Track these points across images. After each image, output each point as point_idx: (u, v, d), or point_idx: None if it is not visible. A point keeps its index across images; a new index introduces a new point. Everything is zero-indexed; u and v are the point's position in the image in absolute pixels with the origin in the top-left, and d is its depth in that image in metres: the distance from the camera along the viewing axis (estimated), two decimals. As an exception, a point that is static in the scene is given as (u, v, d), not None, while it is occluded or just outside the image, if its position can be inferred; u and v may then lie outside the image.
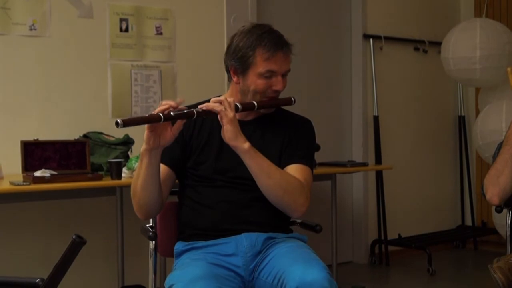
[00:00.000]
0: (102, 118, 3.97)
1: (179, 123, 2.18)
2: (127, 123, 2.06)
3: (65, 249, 1.34)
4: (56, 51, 3.87)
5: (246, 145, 2.21)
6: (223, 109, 2.19)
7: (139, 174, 2.23)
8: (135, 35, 4.13)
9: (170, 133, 2.17)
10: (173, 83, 4.24)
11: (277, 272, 2.13)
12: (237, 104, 2.26)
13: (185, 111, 2.15)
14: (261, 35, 2.34)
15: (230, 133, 2.19)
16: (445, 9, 5.94)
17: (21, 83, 3.77)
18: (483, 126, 4.95)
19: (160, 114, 2.10)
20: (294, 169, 2.34)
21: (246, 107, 2.31)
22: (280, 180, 2.26)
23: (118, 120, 2.03)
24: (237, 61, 2.36)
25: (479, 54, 4.74)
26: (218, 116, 2.20)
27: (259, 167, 2.24)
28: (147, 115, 2.15)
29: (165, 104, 2.14)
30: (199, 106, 2.22)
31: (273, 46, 2.33)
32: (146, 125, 2.15)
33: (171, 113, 2.12)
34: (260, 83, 2.34)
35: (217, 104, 2.20)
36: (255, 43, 2.33)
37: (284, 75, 2.38)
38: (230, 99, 2.23)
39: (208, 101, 2.26)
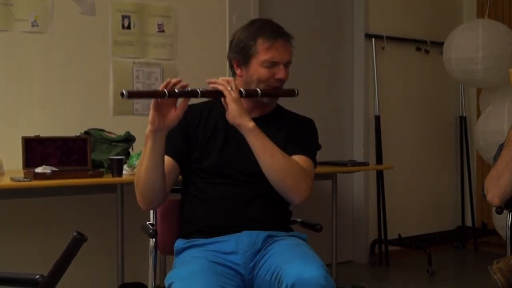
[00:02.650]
0: (103, 115, 3.97)
1: (183, 104, 2.20)
2: (131, 94, 2.08)
3: (66, 246, 1.34)
4: (58, 47, 3.87)
5: (251, 123, 2.23)
6: (228, 88, 2.21)
7: (143, 159, 2.25)
8: (137, 33, 4.13)
9: (174, 113, 2.19)
10: (174, 80, 4.24)
11: (274, 269, 2.14)
12: (241, 89, 2.29)
13: (189, 89, 2.17)
14: (261, 26, 2.42)
15: (235, 111, 2.21)
16: (447, 9, 5.94)
17: (23, 80, 3.77)
18: (484, 126, 4.94)
19: (165, 90, 2.12)
20: (297, 159, 2.36)
21: (250, 93, 2.34)
22: (283, 162, 2.27)
23: (123, 91, 2.04)
24: (239, 52, 2.40)
25: (481, 54, 4.74)
26: (222, 99, 2.22)
27: (263, 147, 2.25)
28: (151, 90, 2.17)
29: (167, 80, 2.17)
30: (208, 84, 2.25)
31: (273, 35, 2.39)
32: (151, 106, 2.16)
33: (176, 90, 2.14)
34: (263, 71, 2.37)
35: (223, 84, 2.23)
36: (256, 33, 2.39)
37: (286, 66, 2.40)
38: (235, 83, 2.27)
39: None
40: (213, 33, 4.43)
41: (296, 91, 2.46)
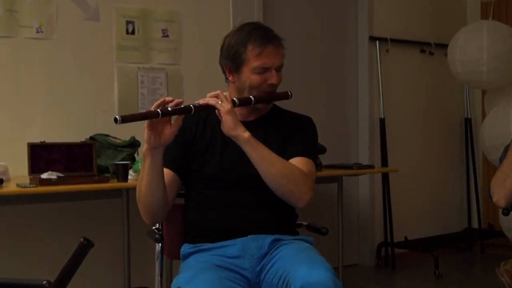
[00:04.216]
0: (108, 121, 3.95)
1: (178, 120, 2.19)
2: (125, 119, 2.08)
3: (73, 252, 1.34)
4: (62, 53, 3.88)
5: (246, 134, 2.22)
6: (219, 102, 2.21)
7: (143, 176, 2.24)
8: (141, 38, 4.14)
9: (170, 130, 2.18)
10: (179, 85, 4.25)
11: (282, 273, 2.13)
12: (234, 99, 2.28)
13: (183, 106, 2.17)
14: (250, 31, 2.39)
15: (229, 123, 2.21)
16: (451, 11, 5.94)
17: (28, 86, 3.78)
18: (490, 128, 4.93)
19: (158, 110, 2.11)
20: (297, 162, 2.35)
21: (243, 101, 2.33)
22: (282, 168, 2.26)
23: (117, 117, 2.05)
24: (230, 59, 2.40)
25: (486, 56, 4.73)
26: (216, 111, 2.22)
27: (261, 156, 2.24)
28: (144, 111, 2.17)
29: (161, 99, 2.16)
30: (196, 102, 2.23)
31: (263, 41, 2.36)
32: (146, 125, 2.16)
33: (169, 109, 2.13)
34: (254, 78, 2.36)
35: (213, 98, 2.22)
36: (245, 39, 2.37)
37: (278, 70, 2.40)
38: (226, 93, 2.26)
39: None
40: (217, 37, 4.38)
41: (289, 93, 2.45)
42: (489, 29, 4.85)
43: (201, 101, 2.23)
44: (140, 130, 3.71)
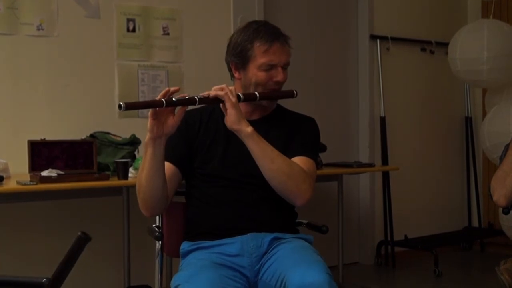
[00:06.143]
0: (109, 118, 3.98)
1: (181, 111, 2.20)
2: (129, 106, 2.08)
3: (70, 246, 1.33)
4: (63, 51, 3.87)
5: (249, 129, 2.23)
6: (225, 94, 2.21)
7: (144, 166, 2.24)
8: (142, 35, 4.14)
9: (173, 120, 2.18)
10: (180, 83, 4.24)
11: (279, 275, 2.13)
12: (239, 94, 2.29)
13: (187, 97, 2.17)
14: (257, 28, 2.41)
15: (233, 116, 2.21)
16: (452, 10, 5.93)
17: (29, 83, 3.78)
18: (490, 127, 4.93)
19: (163, 99, 2.11)
20: (297, 160, 2.35)
21: (248, 97, 2.33)
22: (283, 165, 2.26)
23: (121, 103, 2.05)
24: (237, 56, 2.41)
25: (486, 55, 4.73)
26: (221, 105, 2.23)
27: (262, 151, 2.25)
28: (149, 100, 2.17)
29: (166, 89, 2.17)
30: (201, 94, 2.23)
31: (270, 38, 2.38)
32: (149, 114, 2.16)
33: (173, 99, 2.13)
34: (260, 75, 2.37)
35: (219, 91, 2.23)
36: (252, 36, 2.38)
37: (284, 68, 2.40)
38: (231, 87, 2.27)
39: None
40: (218, 35, 4.43)
41: (294, 92, 2.46)
42: (489, 27, 4.84)
43: (206, 94, 2.24)
44: (140, 128, 3.73)
